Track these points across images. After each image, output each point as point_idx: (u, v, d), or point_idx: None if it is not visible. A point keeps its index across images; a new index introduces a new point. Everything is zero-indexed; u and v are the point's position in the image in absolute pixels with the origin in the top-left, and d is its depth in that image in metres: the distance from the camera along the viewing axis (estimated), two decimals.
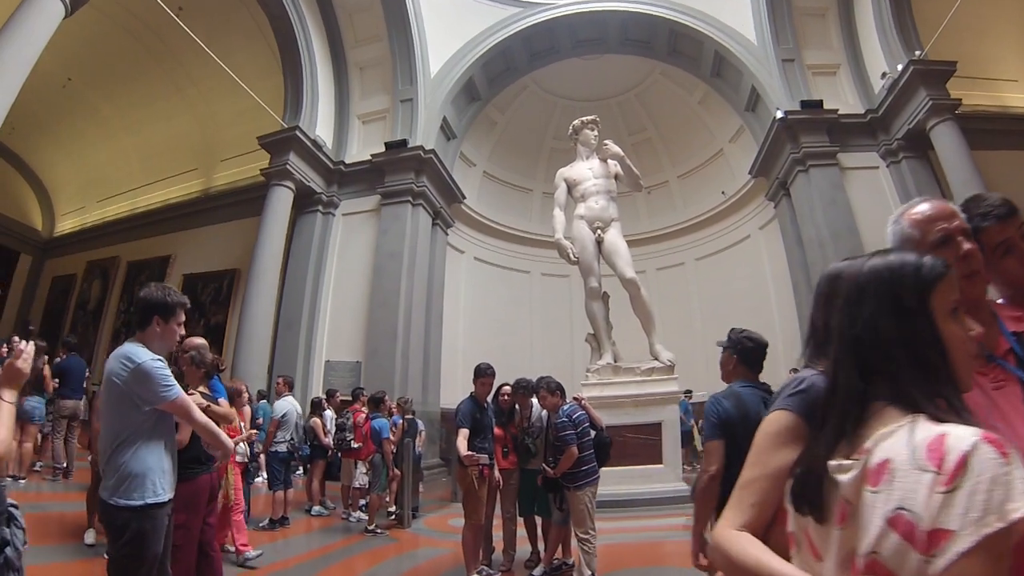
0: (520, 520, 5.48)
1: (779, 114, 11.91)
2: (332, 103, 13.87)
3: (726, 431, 2.55)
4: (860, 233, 11.06)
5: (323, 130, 13.28)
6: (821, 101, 11.93)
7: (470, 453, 4.61)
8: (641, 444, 7.94)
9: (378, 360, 11.79)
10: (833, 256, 11.00)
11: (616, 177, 9.42)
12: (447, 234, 14.50)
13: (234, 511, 4.98)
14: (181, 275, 14.92)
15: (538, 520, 5.45)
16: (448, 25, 13.82)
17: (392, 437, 7.35)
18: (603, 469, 4.85)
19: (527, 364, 15.82)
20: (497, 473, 5.05)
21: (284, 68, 13.01)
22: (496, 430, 5.22)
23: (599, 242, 9.12)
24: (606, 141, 9.46)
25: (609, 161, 9.41)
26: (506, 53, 14.44)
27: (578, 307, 14.66)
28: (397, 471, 7.34)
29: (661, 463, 7.98)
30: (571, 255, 9.09)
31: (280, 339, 12.17)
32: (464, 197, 14.75)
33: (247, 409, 6.40)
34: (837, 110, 11.98)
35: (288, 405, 7.35)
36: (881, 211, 11.59)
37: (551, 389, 4.97)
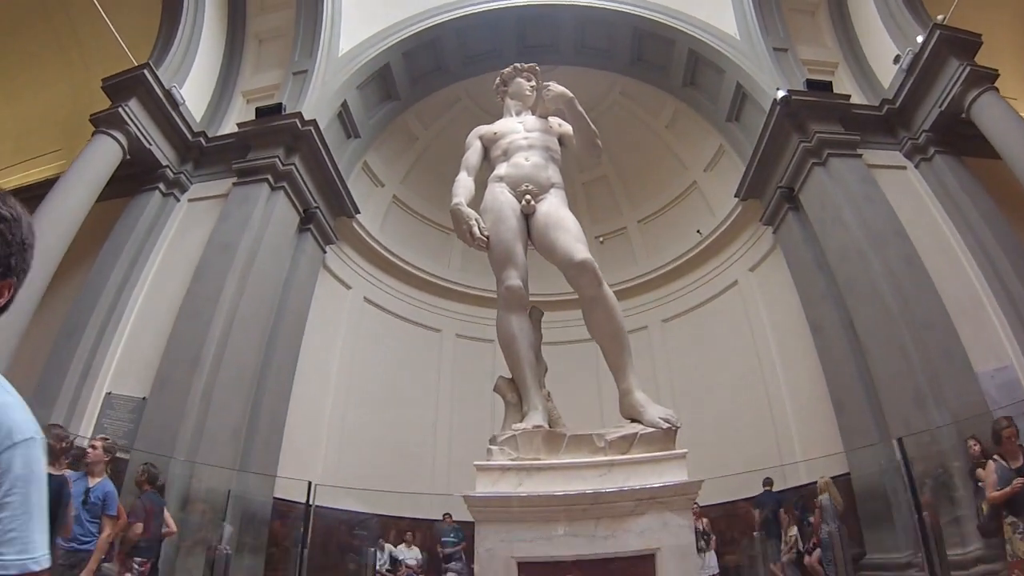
0: None
1: (780, 93, 9.15)
2: (216, 69, 10.88)
3: None
4: (911, 239, 7.96)
5: (196, 96, 10.05)
6: (831, 83, 9.37)
7: None
8: None
9: (165, 396, 7.43)
10: (879, 266, 7.57)
11: (560, 141, 5.58)
12: (324, 251, 10.61)
13: None
14: None
15: None
16: (368, 3, 11.33)
17: None
18: None
19: (428, 448, 11.30)
20: None
21: (163, 11, 10.08)
22: None
23: (527, 216, 4.69)
24: (548, 84, 5.54)
25: (551, 119, 5.64)
26: (436, 47, 11.70)
27: None
28: None
29: None
30: (476, 230, 4.45)
31: (54, 353, 7.85)
32: (357, 212, 11.06)
33: None
34: (849, 96, 9.39)
35: None
36: (922, 216, 8.41)
37: None
